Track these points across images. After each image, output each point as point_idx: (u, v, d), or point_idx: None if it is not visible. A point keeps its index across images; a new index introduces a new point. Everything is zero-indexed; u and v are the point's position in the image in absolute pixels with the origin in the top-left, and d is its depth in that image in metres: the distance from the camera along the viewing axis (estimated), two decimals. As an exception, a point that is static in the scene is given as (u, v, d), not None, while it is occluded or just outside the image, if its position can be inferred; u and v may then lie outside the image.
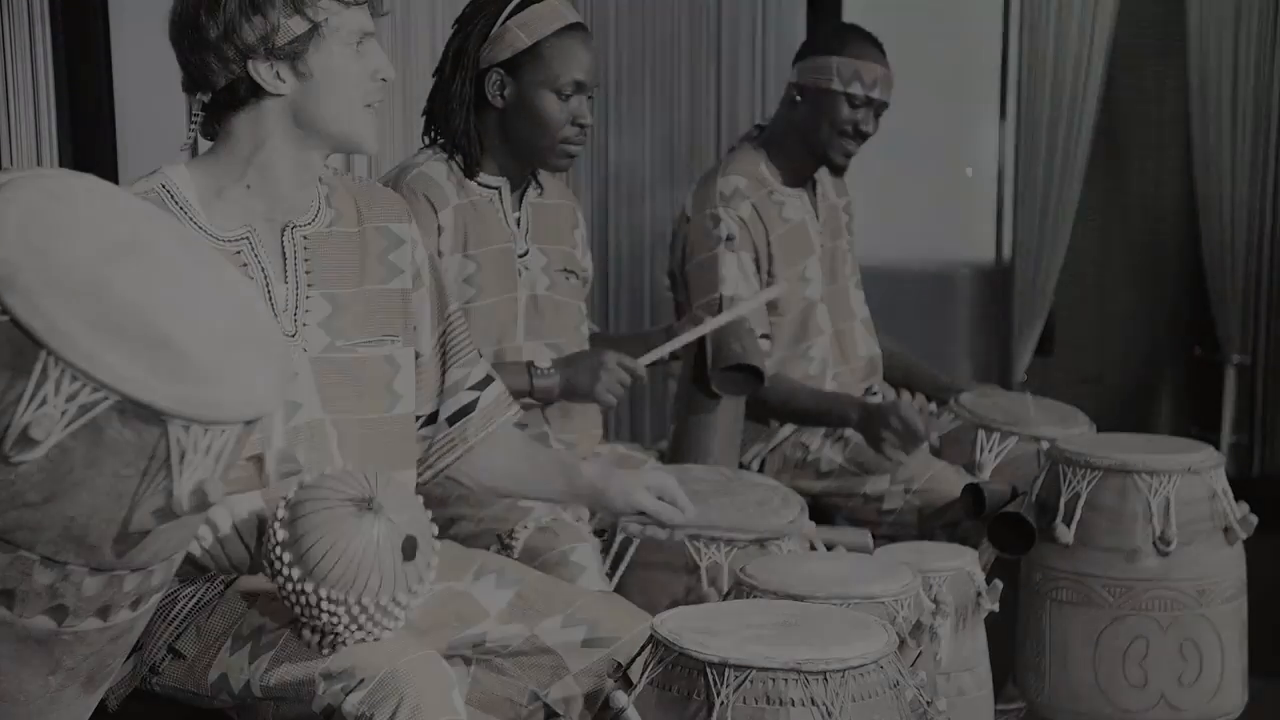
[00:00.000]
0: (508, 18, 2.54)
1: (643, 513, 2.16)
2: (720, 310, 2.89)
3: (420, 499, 1.77)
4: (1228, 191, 4.64)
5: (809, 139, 3.08)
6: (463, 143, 2.56)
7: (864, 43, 3.06)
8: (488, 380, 2.14)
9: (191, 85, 1.89)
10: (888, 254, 4.22)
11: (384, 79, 1.91)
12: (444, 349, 2.09)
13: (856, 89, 3.01)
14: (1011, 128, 4.59)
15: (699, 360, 2.78)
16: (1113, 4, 4.47)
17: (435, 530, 1.75)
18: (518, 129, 2.56)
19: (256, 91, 1.86)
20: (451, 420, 2.10)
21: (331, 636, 1.72)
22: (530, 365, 2.56)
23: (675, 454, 2.86)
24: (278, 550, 1.66)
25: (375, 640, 1.73)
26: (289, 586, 1.67)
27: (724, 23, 4.01)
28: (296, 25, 1.84)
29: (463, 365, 2.11)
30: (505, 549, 2.33)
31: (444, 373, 2.09)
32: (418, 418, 2.08)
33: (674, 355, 2.83)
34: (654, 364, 2.70)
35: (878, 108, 3.05)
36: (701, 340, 2.76)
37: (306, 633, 1.74)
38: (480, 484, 2.16)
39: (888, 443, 2.85)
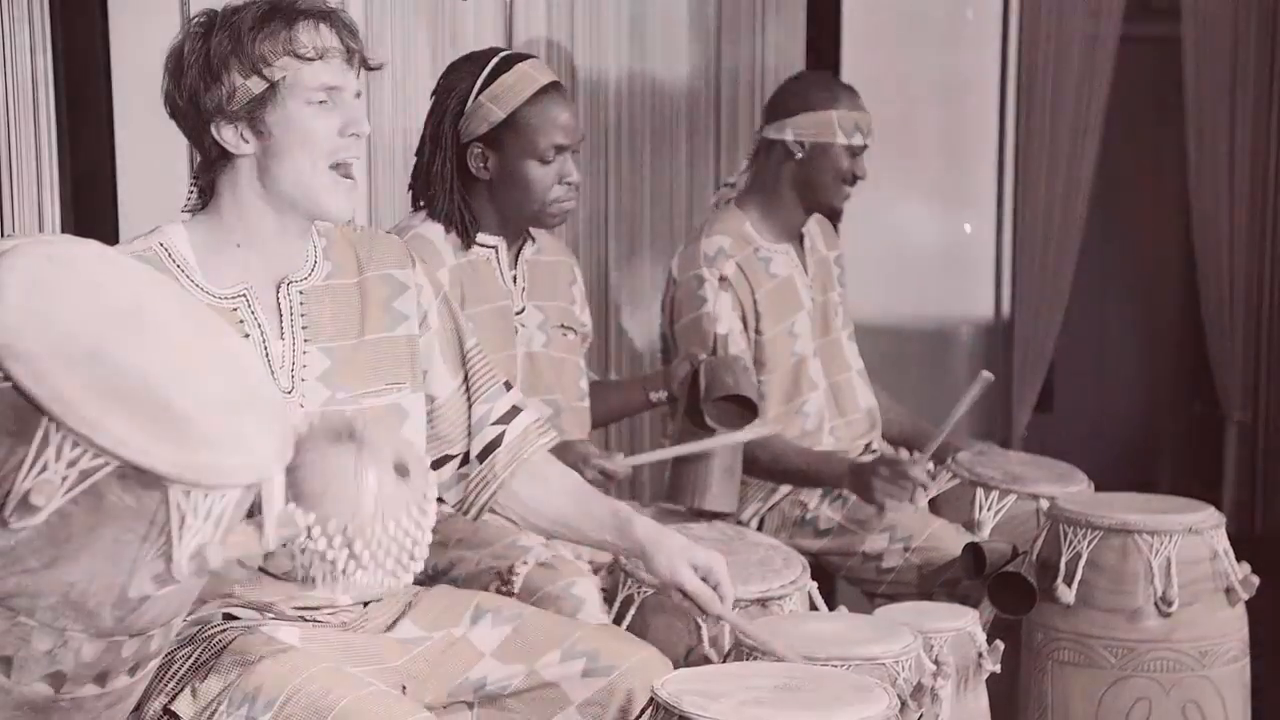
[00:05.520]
0: (479, 92, 2.57)
1: (683, 592, 2.08)
2: (714, 349, 2.91)
3: (403, 435, 1.75)
4: (1226, 247, 4.67)
5: (811, 191, 3.12)
6: (455, 218, 2.59)
7: (853, 94, 3.16)
8: (514, 412, 2.12)
9: (194, 148, 1.95)
10: (886, 310, 4.23)
11: (355, 134, 1.90)
12: (468, 387, 2.10)
13: (858, 139, 3.09)
14: (1010, 184, 4.61)
15: (692, 394, 2.79)
16: (1110, 63, 4.51)
17: (425, 459, 1.72)
18: (506, 198, 2.60)
19: (225, 153, 1.90)
20: (481, 457, 2.10)
21: (349, 574, 1.63)
22: None
23: (673, 491, 2.86)
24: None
25: (394, 577, 1.66)
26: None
27: (723, 76, 4.04)
28: (254, 85, 1.86)
29: (486, 400, 2.10)
30: (505, 584, 2.33)
31: (470, 409, 2.10)
32: (451, 458, 2.09)
33: (670, 398, 2.84)
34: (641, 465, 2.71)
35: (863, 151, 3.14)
36: (694, 375, 2.78)
37: (324, 581, 1.66)
38: (526, 521, 2.14)
39: (879, 491, 2.85)
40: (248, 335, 1.91)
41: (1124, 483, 2.91)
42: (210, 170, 1.92)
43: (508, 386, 2.14)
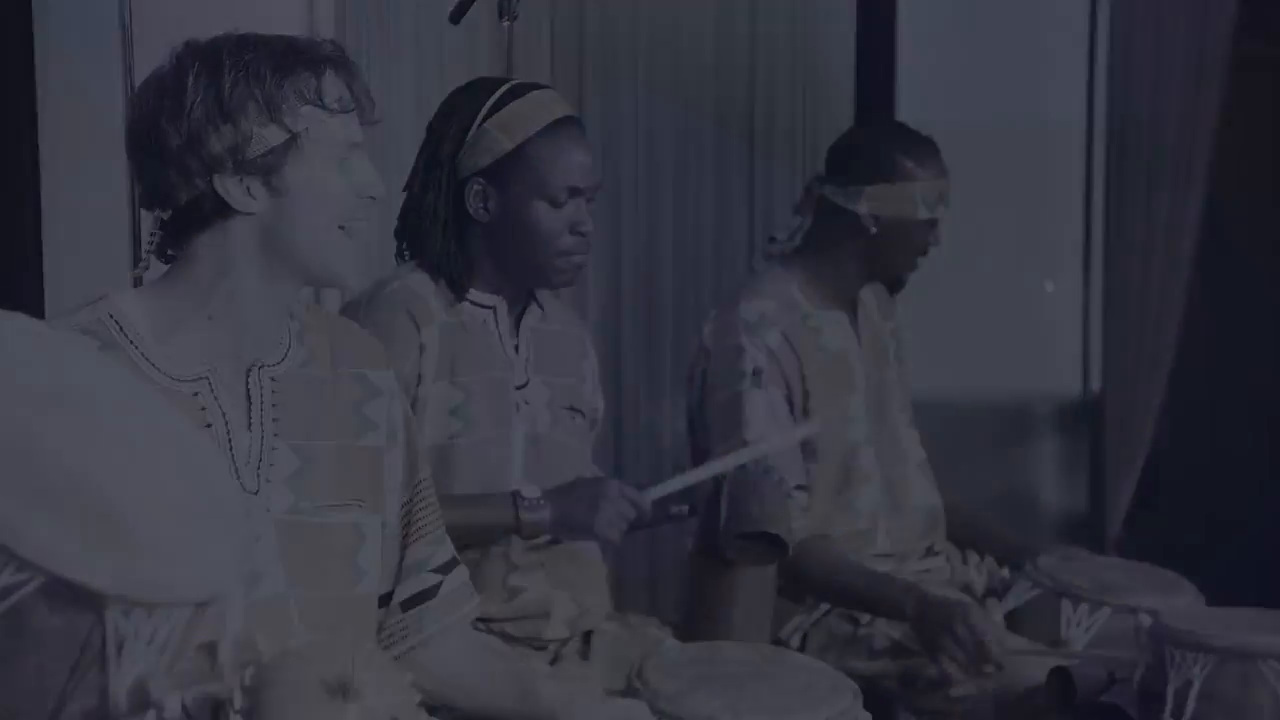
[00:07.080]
0: (485, 118, 2.58)
1: None
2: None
3: (407, 675, 1.77)
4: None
5: (880, 266, 3.17)
6: (445, 265, 2.59)
7: (934, 155, 3.15)
8: (453, 563, 2.16)
9: (149, 200, 1.93)
10: (954, 385, 4.24)
11: (371, 197, 1.95)
12: (408, 520, 2.11)
13: (940, 212, 3.11)
14: (1100, 236, 4.63)
15: (709, 520, 2.78)
16: (1219, 89, 4.51)
17: (423, 714, 1.74)
18: (507, 245, 2.60)
19: (222, 210, 1.90)
20: (407, 605, 2.12)
21: None
22: (516, 495, 2.56)
23: (688, 630, 2.85)
24: None
25: None
26: None
27: (757, 126, 4.07)
28: (272, 135, 1.88)
29: (429, 542, 2.13)
30: None
31: (405, 548, 2.11)
32: None
33: (693, 510, 2.83)
34: (663, 499, 2.68)
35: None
36: (716, 492, 2.77)
37: None
38: (431, 686, 2.09)
39: (948, 651, 2.84)
40: (209, 425, 1.92)
41: (1243, 595, 2.89)
42: (190, 228, 1.92)
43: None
